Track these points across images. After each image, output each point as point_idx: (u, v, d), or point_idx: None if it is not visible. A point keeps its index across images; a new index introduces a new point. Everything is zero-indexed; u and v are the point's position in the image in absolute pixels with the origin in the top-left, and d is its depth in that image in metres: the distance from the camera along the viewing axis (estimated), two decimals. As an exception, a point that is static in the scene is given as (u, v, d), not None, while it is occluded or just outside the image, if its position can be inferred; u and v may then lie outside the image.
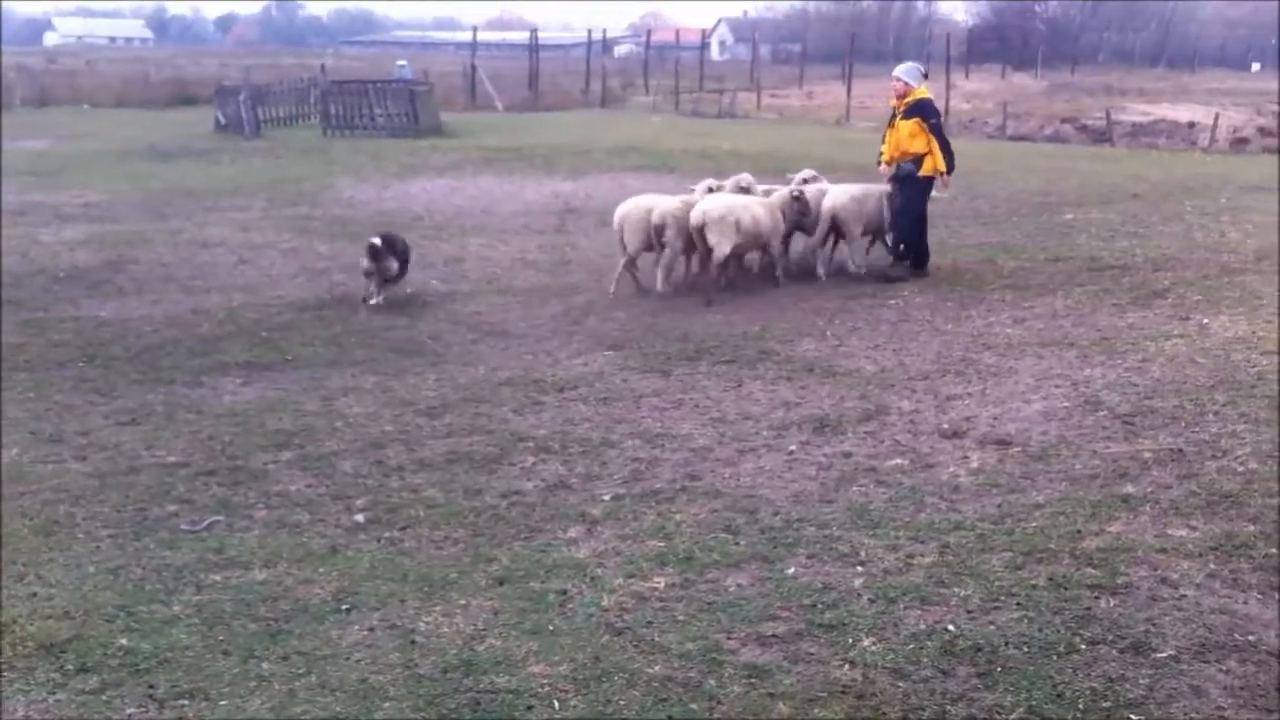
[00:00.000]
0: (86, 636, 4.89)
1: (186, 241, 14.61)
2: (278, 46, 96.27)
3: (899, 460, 6.83)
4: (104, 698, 4.46)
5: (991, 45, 67.49)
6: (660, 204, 11.48)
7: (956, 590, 5.11)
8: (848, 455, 6.96)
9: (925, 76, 12.34)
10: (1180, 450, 6.78)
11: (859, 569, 5.37)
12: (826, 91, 44.76)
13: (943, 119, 12.10)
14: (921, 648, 4.65)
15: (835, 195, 12.18)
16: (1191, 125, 31.94)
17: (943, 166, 11.92)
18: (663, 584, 5.30)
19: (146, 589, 5.35)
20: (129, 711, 4.37)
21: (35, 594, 5.32)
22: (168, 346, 9.79)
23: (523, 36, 61.52)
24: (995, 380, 8.41)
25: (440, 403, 8.19)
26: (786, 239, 12.37)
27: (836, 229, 12.24)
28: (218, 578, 5.45)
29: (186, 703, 4.41)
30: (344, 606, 5.15)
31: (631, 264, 11.72)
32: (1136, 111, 36.26)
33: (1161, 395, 7.84)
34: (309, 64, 46.34)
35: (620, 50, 74.17)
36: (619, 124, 33.08)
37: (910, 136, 11.92)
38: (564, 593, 5.24)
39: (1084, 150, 27.70)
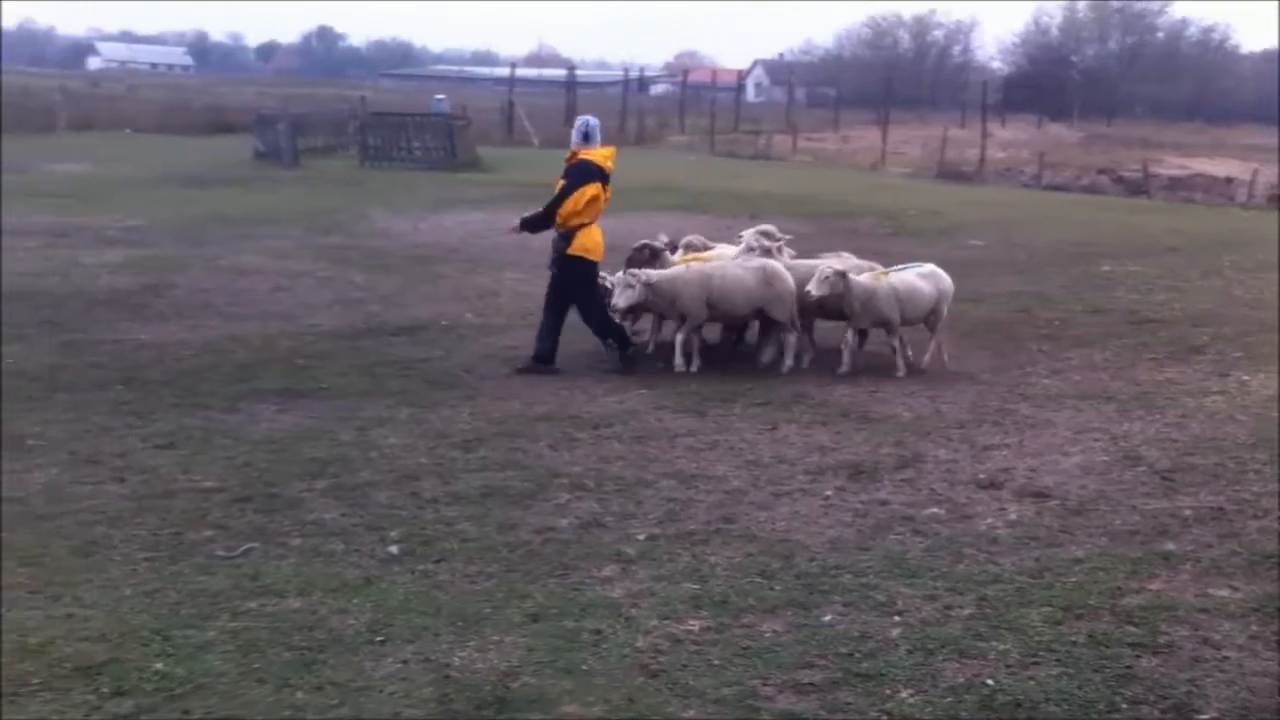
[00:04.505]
0: (122, 660, 4.89)
1: (224, 268, 14.73)
2: (317, 76, 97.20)
3: (936, 509, 6.79)
4: (138, 722, 4.46)
5: (1027, 94, 67.52)
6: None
7: (995, 644, 5.07)
8: (884, 503, 6.92)
9: (586, 138, 10.13)
10: (1221, 509, 6.73)
11: (896, 619, 5.33)
12: (861, 136, 44.89)
13: (581, 187, 9.91)
14: (960, 701, 4.61)
15: None
16: (1229, 180, 31.80)
17: (581, 245, 10.04)
18: (697, 627, 5.27)
19: (182, 614, 5.35)
20: (163, 737, 4.37)
21: (72, 615, 5.33)
22: (205, 372, 9.84)
23: (560, 73, 61.90)
24: (1032, 432, 8.37)
25: (475, 436, 8.19)
26: None
27: None
28: (253, 605, 5.45)
29: (221, 730, 4.41)
30: (378, 638, 5.13)
31: None
32: (1174, 165, 36.19)
33: (1201, 452, 7.78)
34: (347, 95, 46.78)
35: (656, 89, 74.55)
36: (653, 163, 33.19)
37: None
38: (598, 632, 5.21)
39: (1120, 202, 27.64)
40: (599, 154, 10.18)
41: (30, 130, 37.64)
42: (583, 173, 10.01)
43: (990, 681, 4.75)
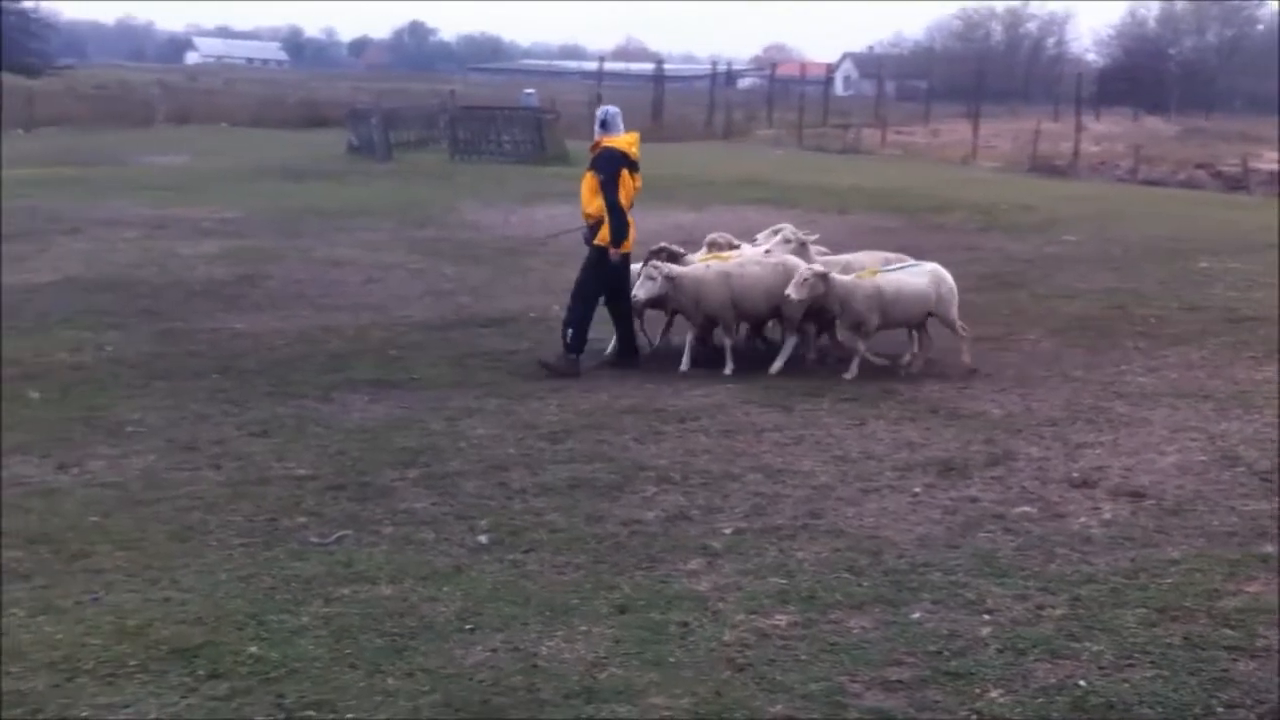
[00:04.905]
0: (218, 643, 5.00)
1: (318, 260, 14.97)
2: (408, 71, 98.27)
3: (1027, 508, 6.70)
4: (233, 704, 4.54)
5: (1122, 87, 66.25)
6: None
7: (1088, 645, 4.99)
8: (974, 500, 6.84)
9: (604, 125, 10.08)
10: (1323, 511, 6.55)
11: (986, 618, 5.27)
12: (952, 130, 44.30)
13: (621, 176, 9.86)
14: (1051, 702, 4.55)
15: None
16: (1332, 175, 30.90)
17: (606, 236, 9.90)
18: (784, 622, 5.25)
19: (276, 599, 5.45)
20: None
21: (169, 599, 5.46)
22: (298, 361, 10.02)
23: (647, 67, 61.96)
24: (1128, 430, 8.22)
25: (562, 428, 8.24)
26: None
27: None
28: (346, 591, 5.54)
29: (313, 714, 4.48)
30: (468, 626, 5.19)
31: None
32: (1273, 159, 35.23)
33: (1302, 453, 7.59)
34: (438, 89, 47.19)
35: (744, 83, 74.23)
36: (741, 157, 33.11)
37: (590, 193, 9.98)
38: (685, 625, 5.22)
39: (1218, 197, 27.00)
40: (622, 140, 10.10)
41: (129, 124, 38.61)
42: (611, 160, 9.91)
43: (1083, 683, 4.68)
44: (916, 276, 9.90)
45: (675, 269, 9.93)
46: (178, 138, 34.53)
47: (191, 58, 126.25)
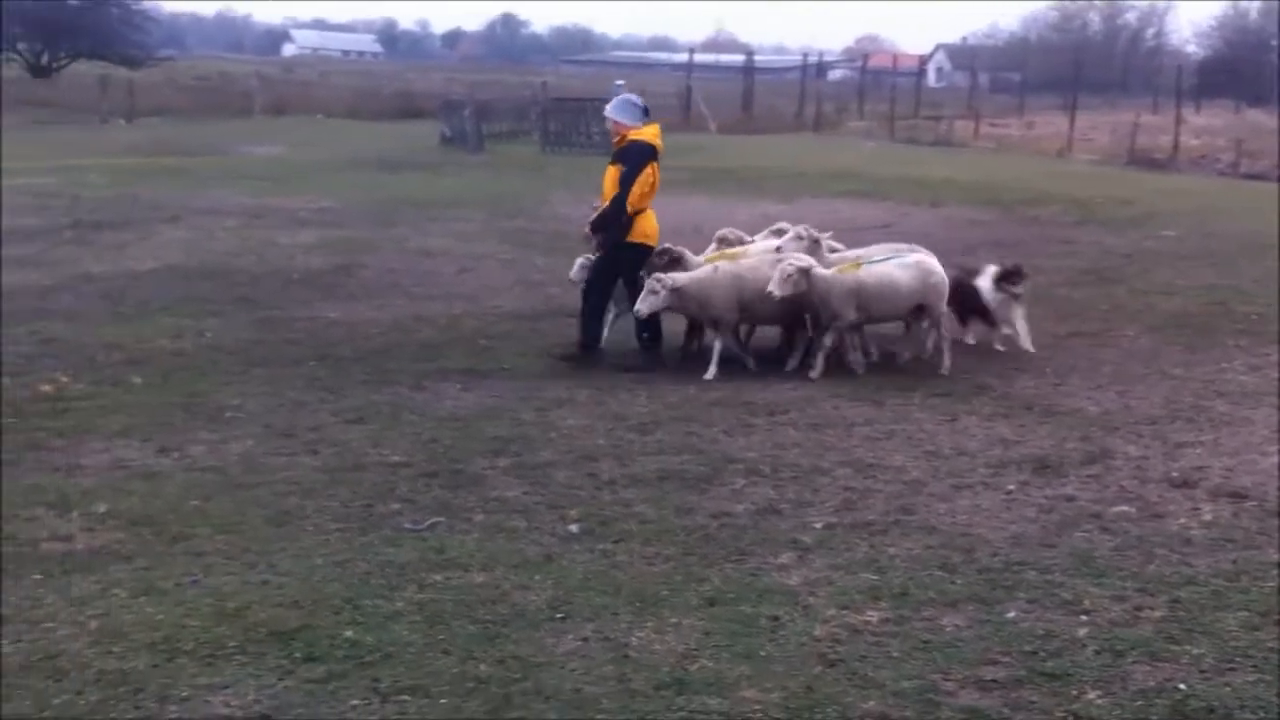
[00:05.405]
0: (314, 626, 5.07)
1: (411, 249, 15.14)
2: (501, 63, 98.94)
3: (1125, 507, 6.58)
4: (329, 688, 4.61)
5: (1224, 79, 64.63)
6: None
7: (1188, 648, 4.89)
8: (1070, 499, 6.74)
9: (646, 113, 9.98)
10: None
11: (1083, 618, 5.19)
12: (1048, 122, 43.51)
13: (644, 170, 9.66)
14: (1150, 705, 4.47)
15: None
16: None
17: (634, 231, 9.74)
18: (876, 618, 5.22)
19: (371, 584, 5.53)
20: (352, 703, 4.52)
21: (267, 582, 5.55)
22: (393, 350, 10.15)
23: (738, 59, 61.77)
24: (1229, 429, 8.04)
25: (651, 419, 8.25)
26: None
27: None
28: (439, 577, 5.59)
29: (408, 698, 4.53)
30: (559, 615, 5.22)
31: None
32: (1385, 153, 34.16)
33: None
34: (530, 81, 47.46)
35: (835, 75, 73.75)
36: (832, 149, 32.86)
37: (612, 185, 9.72)
38: (776, 619, 5.20)
39: (1324, 192, 26.24)
40: (648, 132, 9.91)
41: (228, 114, 39.34)
42: (639, 154, 9.70)
43: (1183, 686, 4.60)
44: (901, 269, 9.61)
45: (680, 278, 9.55)
46: (275, 128, 35.11)
47: (288, 50, 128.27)
